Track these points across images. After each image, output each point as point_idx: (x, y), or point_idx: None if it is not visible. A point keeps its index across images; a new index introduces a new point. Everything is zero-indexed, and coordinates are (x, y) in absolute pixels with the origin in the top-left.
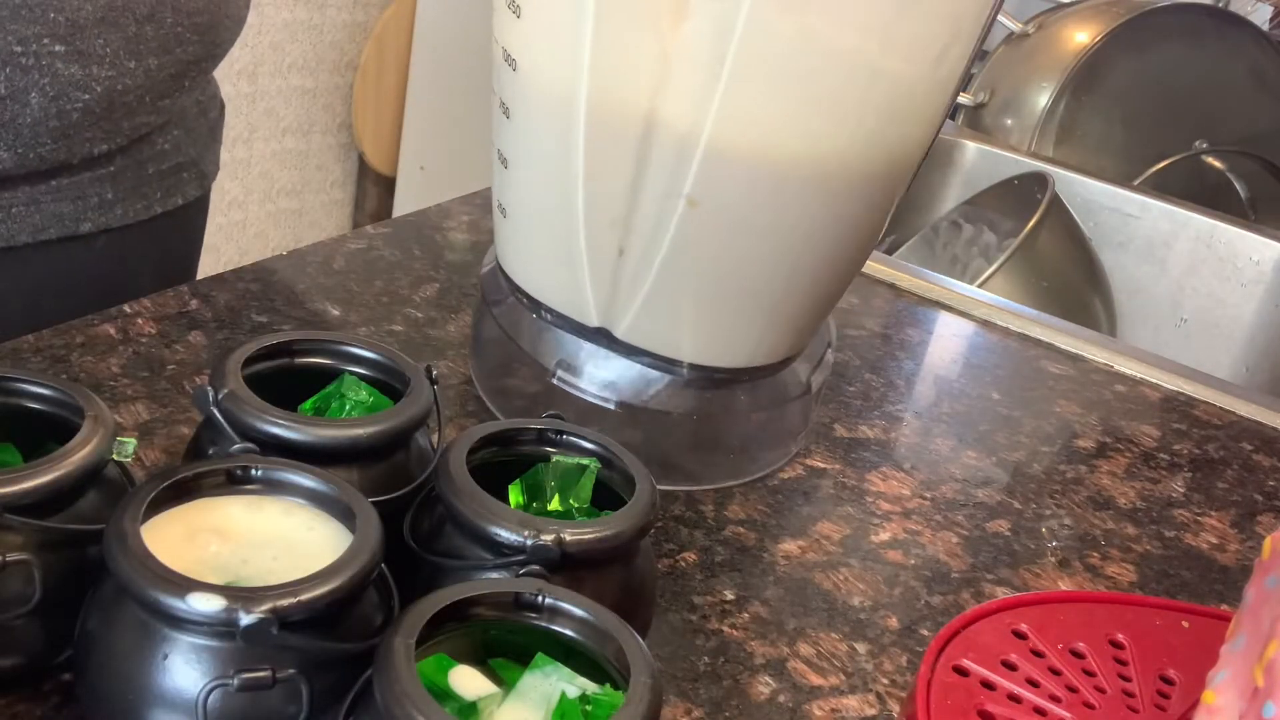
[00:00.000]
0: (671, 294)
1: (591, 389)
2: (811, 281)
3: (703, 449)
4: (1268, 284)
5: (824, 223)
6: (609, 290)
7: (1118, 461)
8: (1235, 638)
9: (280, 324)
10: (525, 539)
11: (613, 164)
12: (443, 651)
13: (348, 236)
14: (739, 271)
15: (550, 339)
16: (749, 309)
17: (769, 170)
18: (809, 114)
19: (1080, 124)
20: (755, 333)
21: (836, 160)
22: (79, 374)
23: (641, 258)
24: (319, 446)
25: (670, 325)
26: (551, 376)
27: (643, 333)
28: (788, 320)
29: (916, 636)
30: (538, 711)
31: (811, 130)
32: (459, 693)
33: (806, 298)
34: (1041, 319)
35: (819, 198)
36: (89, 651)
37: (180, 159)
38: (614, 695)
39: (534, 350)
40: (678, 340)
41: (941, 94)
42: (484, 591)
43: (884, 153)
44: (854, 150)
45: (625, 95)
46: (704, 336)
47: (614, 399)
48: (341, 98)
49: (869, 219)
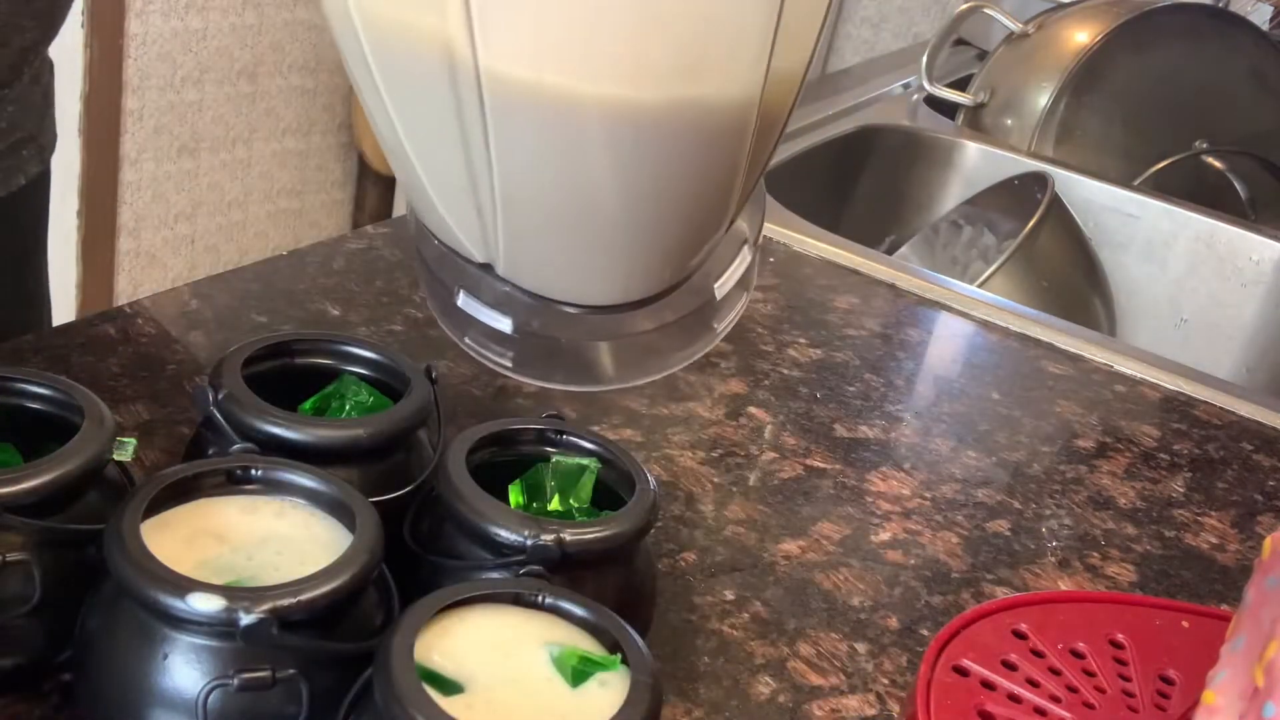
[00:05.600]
0: (528, 249)
1: (488, 314)
2: (655, 229)
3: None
4: (1268, 284)
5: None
6: (479, 236)
7: (1118, 461)
8: (1235, 638)
9: (280, 324)
10: (525, 539)
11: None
12: None
13: (348, 236)
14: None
15: (450, 263)
16: (600, 259)
17: (558, 117)
18: (581, 52)
19: (1080, 124)
20: (616, 278)
21: (629, 114)
22: (79, 374)
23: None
24: (319, 446)
25: (536, 267)
26: (454, 298)
27: (515, 273)
28: (646, 264)
29: (916, 636)
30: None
31: (623, 69)
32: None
33: (658, 243)
34: (1041, 319)
35: (621, 150)
36: (89, 651)
37: (18, 135)
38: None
39: (440, 272)
40: (545, 281)
41: (742, 64)
42: (484, 591)
43: (690, 111)
44: (645, 106)
45: (406, 16)
46: (569, 282)
47: (509, 323)
48: (341, 98)
49: (703, 168)
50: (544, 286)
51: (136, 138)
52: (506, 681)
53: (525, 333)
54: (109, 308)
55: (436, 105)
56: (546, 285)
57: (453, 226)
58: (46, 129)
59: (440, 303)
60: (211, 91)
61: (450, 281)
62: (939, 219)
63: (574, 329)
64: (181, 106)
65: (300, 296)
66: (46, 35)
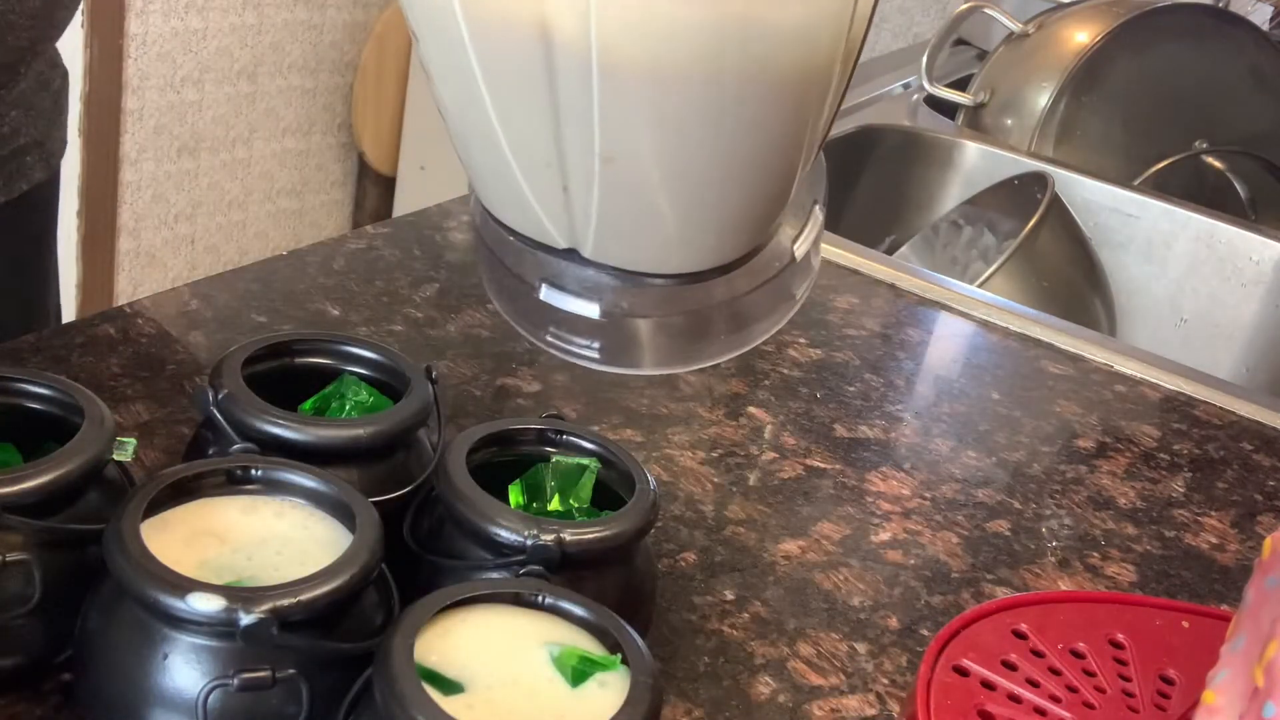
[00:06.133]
0: (618, 224)
1: (574, 302)
2: (741, 195)
3: (692, 338)
4: (1268, 284)
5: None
6: (565, 219)
7: (1118, 461)
8: (1235, 638)
9: (280, 324)
10: (525, 539)
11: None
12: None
13: (348, 236)
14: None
15: (529, 257)
16: (691, 229)
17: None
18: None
19: (1080, 124)
20: (706, 244)
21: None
22: (79, 374)
23: (585, 195)
24: (319, 446)
25: (627, 248)
26: (536, 292)
27: (606, 254)
28: (734, 227)
29: (916, 636)
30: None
31: (691, 50)
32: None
33: (743, 207)
34: (1041, 319)
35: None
36: (89, 651)
37: (22, 141)
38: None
39: (518, 268)
40: (638, 259)
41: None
42: (484, 591)
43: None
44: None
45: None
46: (659, 254)
47: (597, 308)
48: (341, 98)
49: (782, 133)
50: (637, 260)
51: (136, 138)
52: (506, 681)
53: (614, 316)
54: (109, 308)
55: (534, 86)
56: (639, 259)
57: (540, 212)
58: (55, 136)
59: (516, 304)
60: (211, 91)
61: (531, 276)
62: (939, 219)
63: (665, 304)
64: (181, 106)
65: (300, 296)
66: (45, 34)
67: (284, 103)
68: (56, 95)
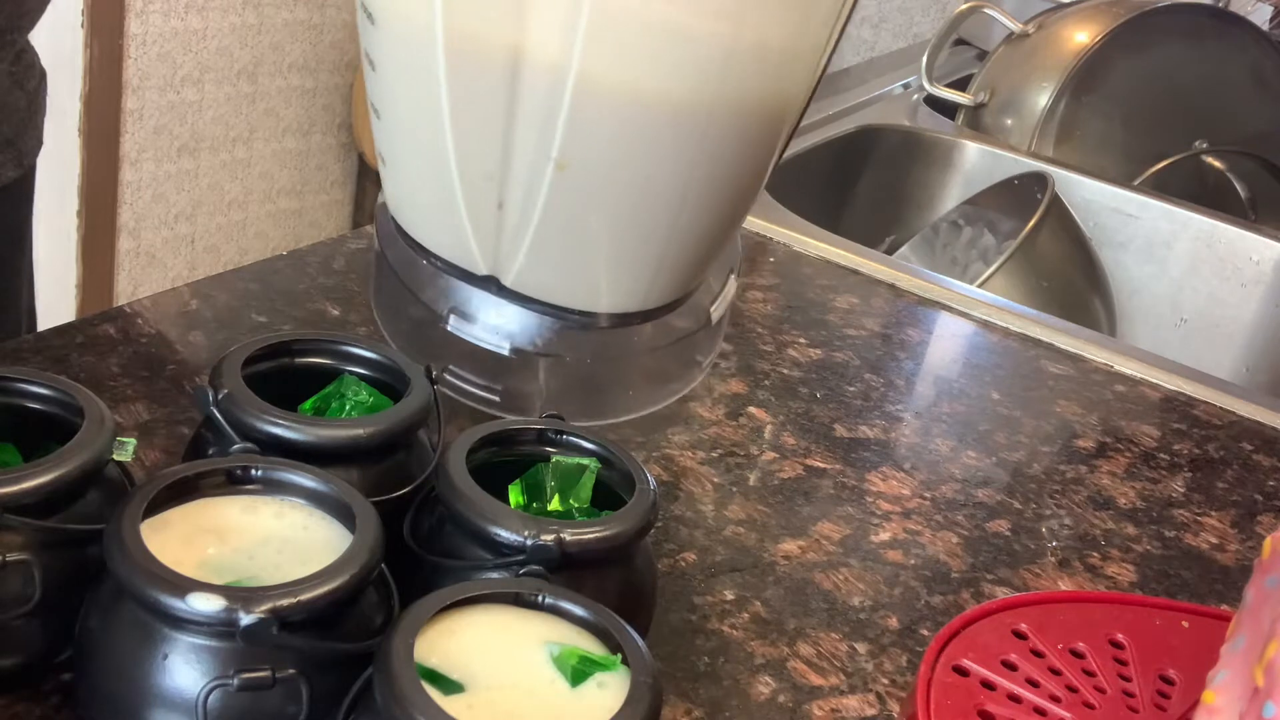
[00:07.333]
0: (553, 247)
1: (484, 335)
2: (691, 228)
3: (600, 389)
4: (1268, 284)
5: (695, 172)
6: (493, 241)
7: (1118, 461)
8: (1235, 638)
9: (280, 324)
10: (525, 539)
11: (480, 113)
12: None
13: (348, 236)
14: (615, 224)
15: (440, 284)
16: (630, 258)
17: (637, 113)
18: (675, 55)
19: (1080, 124)
20: (641, 279)
21: (704, 110)
22: (79, 374)
23: (521, 212)
24: (319, 446)
25: (555, 276)
26: (444, 322)
27: (530, 283)
28: (673, 265)
29: (916, 636)
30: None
31: (679, 72)
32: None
33: (689, 243)
34: (1041, 319)
35: (687, 146)
36: (89, 651)
37: None
38: (610, 660)
39: (425, 295)
40: (564, 290)
41: (811, 56)
42: (484, 591)
43: (754, 105)
44: (721, 102)
45: (484, 31)
46: (589, 285)
47: (507, 344)
48: (341, 98)
49: (745, 166)
50: (562, 292)
51: (136, 138)
52: (506, 681)
53: (524, 354)
54: (109, 308)
55: (495, 94)
56: (565, 291)
57: (468, 230)
58: (29, 135)
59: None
60: (211, 91)
61: (439, 304)
62: (939, 219)
63: (581, 347)
64: (181, 106)
65: (300, 296)
66: (14, 25)
67: (284, 103)
68: (32, 95)
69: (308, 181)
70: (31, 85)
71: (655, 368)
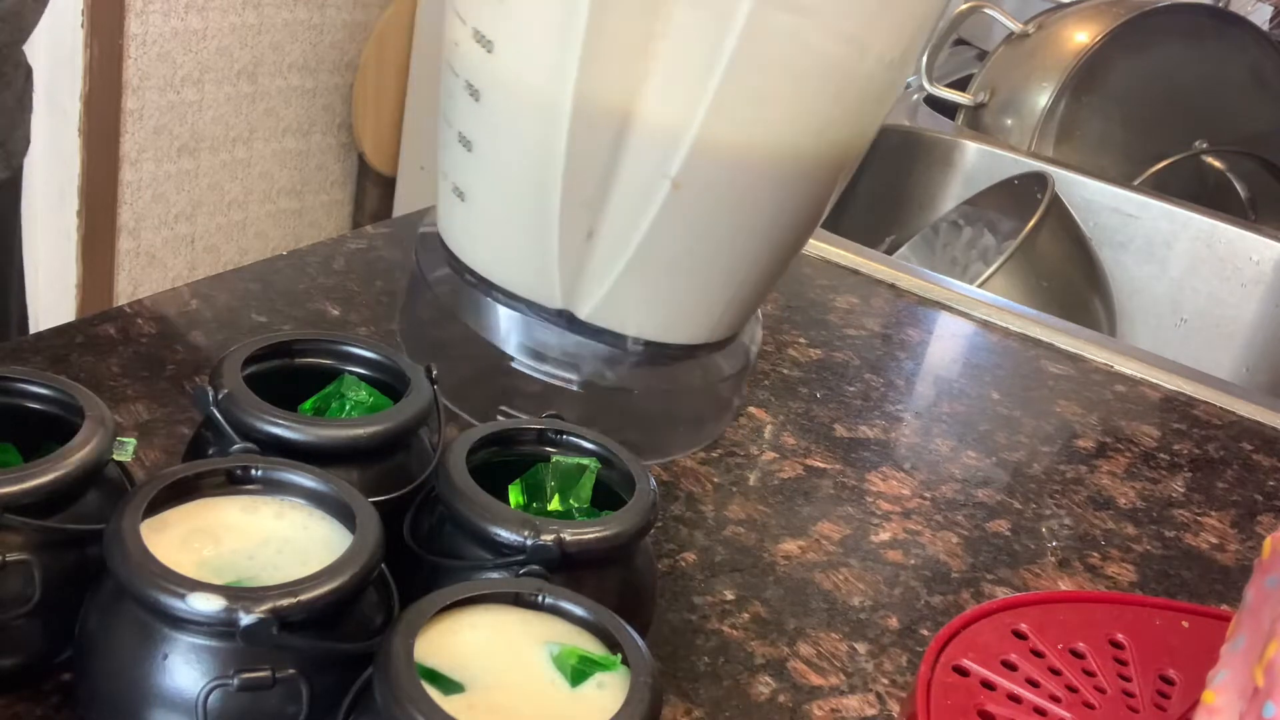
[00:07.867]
0: (644, 274)
1: (553, 370)
2: (769, 261)
3: (659, 423)
4: (1268, 284)
5: (787, 207)
6: (574, 273)
7: (1118, 461)
8: (1235, 638)
9: (280, 324)
10: (525, 539)
11: (591, 151)
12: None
13: (348, 236)
14: (714, 252)
15: (501, 318)
16: (715, 287)
17: (754, 161)
18: (797, 109)
19: (1080, 124)
20: (717, 310)
21: (810, 151)
22: (79, 374)
23: (615, 239)
24: (319, 446)
25: (638, 305)
26: (511, 360)
27: (607, 313)
28: (745, 296)
29: (916, 636)
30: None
31: (797, 124)
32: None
33: (763, 275)
34: (1041, 319)
35: (789, 185)
36: (89, 651)
37: None
38: (610, 660)
39: (482, 328)
40: (643, 319)
41: (894, 90)
42: (484, 591)
43: (844, 142)
44: (822, 141)
45: (613, 87)
46: (671, 314)
47: (576, 379)
48: (341, 98)
49: (819, 203)
50: (639, 323)
51: (136, 138)
52: (506, 681)
53: (593, 387)
54: (109, 308)
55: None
56: (644, 320)
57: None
58: (17, 135)
59: (473, 374)
60: (211, 91)
61: (505, 340)
62: (939, 219)
63: (649, 378)
64: (181, 106)
65: (300, 296)
66: (14, 39)
67: (284, 103)
68: (20, 95)
69: (308, 181)
70: (19, 84)
71: (705, 404)
